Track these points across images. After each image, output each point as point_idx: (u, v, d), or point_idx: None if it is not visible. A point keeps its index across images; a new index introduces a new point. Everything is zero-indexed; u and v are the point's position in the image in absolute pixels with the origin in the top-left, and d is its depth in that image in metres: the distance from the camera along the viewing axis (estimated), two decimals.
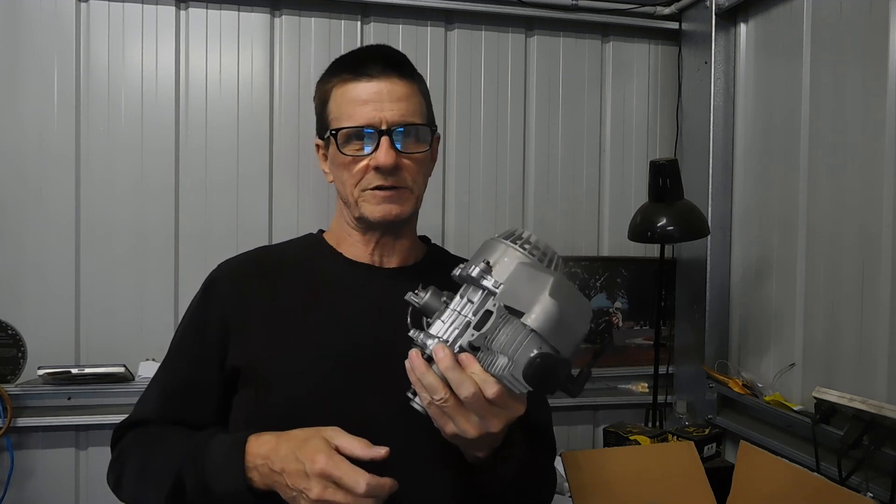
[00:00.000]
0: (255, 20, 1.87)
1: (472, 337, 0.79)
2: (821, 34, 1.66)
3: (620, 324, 2.11)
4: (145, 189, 1.81)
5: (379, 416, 0.93)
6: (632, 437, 1.69)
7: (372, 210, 1.01)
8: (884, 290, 1.47)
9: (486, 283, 0.80)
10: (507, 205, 2.04)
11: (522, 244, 0.82)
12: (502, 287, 0.79)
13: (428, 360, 0.80)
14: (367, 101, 0.99)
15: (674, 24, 2.11)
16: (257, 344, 0.99)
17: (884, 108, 1.47)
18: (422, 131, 1.03)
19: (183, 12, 1.83)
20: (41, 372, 1.67)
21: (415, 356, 0.80)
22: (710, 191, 1.95)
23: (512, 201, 2.05)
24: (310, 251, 1.11)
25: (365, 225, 1.05)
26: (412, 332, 0.83)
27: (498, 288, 0.79)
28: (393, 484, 0.82)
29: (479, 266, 0.80)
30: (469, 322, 0.80)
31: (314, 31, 1.90)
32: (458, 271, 0.85)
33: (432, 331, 0.82)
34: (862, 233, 1.53)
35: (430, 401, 0.79)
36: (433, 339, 0.81)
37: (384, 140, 0.97)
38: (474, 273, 0.80)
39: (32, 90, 1.74)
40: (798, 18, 1.72)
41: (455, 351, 0.79)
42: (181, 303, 1.81)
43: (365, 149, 1.00)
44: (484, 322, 0.79)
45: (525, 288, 0.78)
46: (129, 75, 1.80)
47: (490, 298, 0.80)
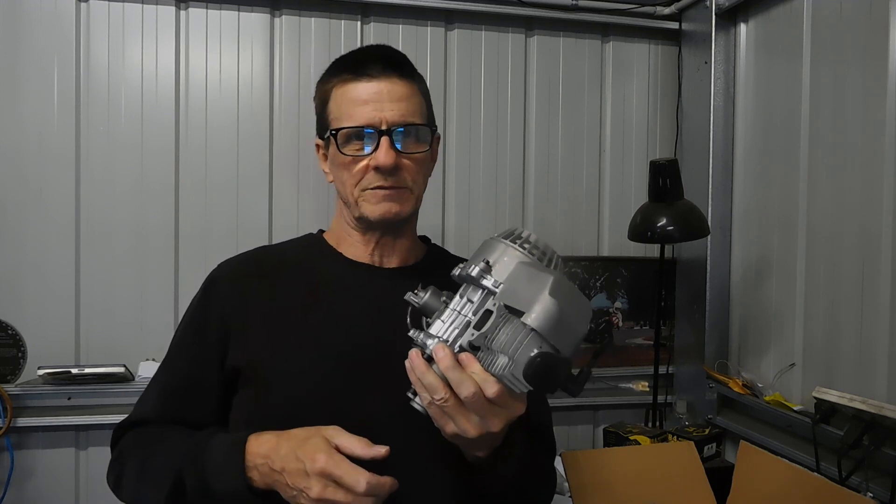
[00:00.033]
0: (255, 20, 1.87)
1: (473, 336, 0.79)
2: (821, 34, 1.66)
3: (620, 324, 2.11)
4: (145, 189, 1.81)
5: (379, 416, 0.93)
6: (632, 437, 1.69)
7: (372, 209, 1.01)
8: (884, 290, 1.47)
9: (485, 282, 0.80)
10: (507, 205, 2.04)
11: (522, 243, 0.82)
12: (502, 286, 0.79)
13: (428, 360, 0.80)
14: (367, 101, 0.99)
15: (674, 24, 2.11)
16: (257, 344, 0.99)
17: (884, 108, 1.47)
18: (422, 131, 1.03)
19: (183, 12, 1.83)
20: (41, 372, 1.67)
21: (415, 356, 0.80)
22: (710, 191, 1.95)
23: (512, 201, 2.05)
24: (310, 251, 1.11)
25: (365, 224, 1.05)
26: (412, 332, 0.83)
27: (498, 287, 0.79)
28: (393, 483, 0.83)
29: (478, 266, 0.80)
30: (469, 322, 0.80)
31: (314, 31, 1.90)
32: (457, 271, 0.85)
33: (432, 331, 0.82)
34: (862, 233, 1.53)
35: (430, 400, 0.79)
36: (433, 338, 0.81)
37: (384, 140, 0.98)
38: (474, 273, 0.80)
39: (32, 90, 1.74)
40: (798, 18, 1.72)
41: (455, 350, 0.79)
42: (181, 303, 1.81)
43: (365, 149, 1.00)
44: (484, 322, 0.79)
45: (525, 287, 0.78)
46: (129, 75, 1.80)
47: (490, 298, 0.80)
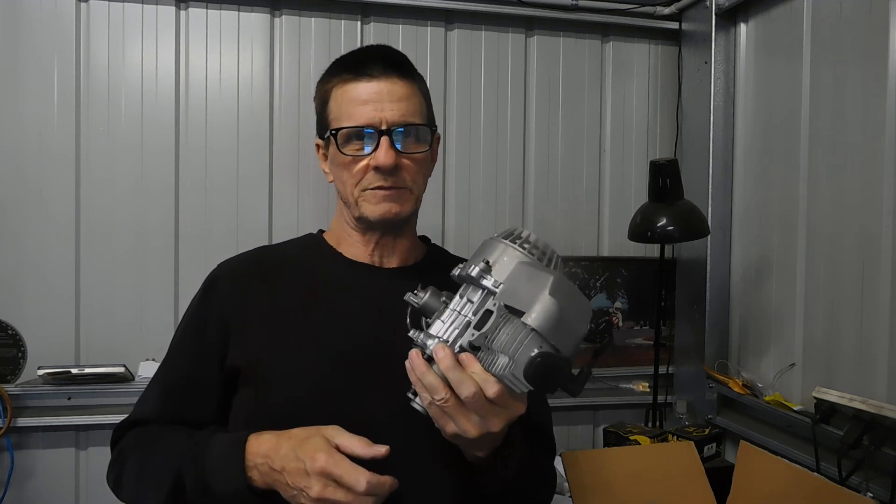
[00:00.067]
0: (255, 20, 1.87)
1: (473, 337, 0.79)
2: (821, 34, 1.66)
3: (620, 324, 2.11)
4: (145, 189, 1.81)
5: (379, 416, 0.93)
6: (632, 437, 1.69)
7: (372, 209, 1.01)
8: (884, 290, 1.47)
9: (485, 282, 0.80)
10: (507, 205, 2.04)
11: (522, 243, 0.82)
12: (502, 286, 0.79)
13: (428, 360, 0.80)
14: (367, 101, 0.99)
15: (674, 24, 2.11)
16: (257, 343, 1.00)
17: (884, 108, 1.47)
18: (422, 131, 1.03)
19: (183, 12, 1.83)
20: (41, 372, 1.67)
21: (415, 356, 0.80)
22: (710, 191, 1.95)
23: (512, 201, 2.05)
24: (310, 251, 1.11)
25: (365, 225, 1.05)
26: (412, 332, 0.83)
27: (498, 287, 0.79)
28: (393, 482, 0.83)
29: (478, 266, 0.80)
30: (469, 322, 0.80)
31: (314, 31, 1.90)
32: (457, 271, 0.85)
33: (432, 331, 0.82)
34: (862, 233, 1.53)
35: (430, 401, 0.79)
36: (433, 339, 0.80)
37: (384, 140, 0.98)
38: (474, 273, 0.80)
39: (32, 90, 1.74)
40: (798, 18, 1.72)
41: (455, 351, 0.79)
42: (181, 303, 1.81)
43: (365, 149, 1.00)
44: (484, 322, 0.79)
45: (525, 287, 0.78)
46: (129, 75, 1.80)
47: (490, 298, 0.80)
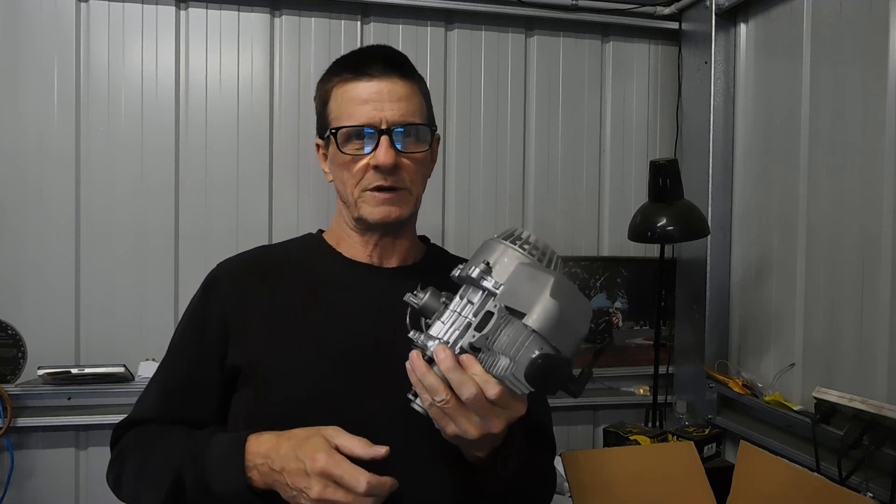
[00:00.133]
0: (255, 20, 1.87)
1: (474, 338, 0.79)
2: (821, 34, 1.66)
3: (620, 324, 2.11)
4: (145, 189, 1.81)
5: (379, 416, 0.93)
6: (632, 437, 1.69)
7: (371, 212, 1.01)
8: (884, 290, 1.47)
9: (486, 283, 0.79)
10: (507, 205, 2.04)
11: (522, 244, 0.82)
12: (502, 288, 0.79)
13: (428, 362, 0.79)
14: (367, 101, 0.99)
15: (674, 24, 2.11)
16: (257, 343, 1.00)
17: (884, 108, 1.47)
18: (422, 131, 1.03)
19: (183, 12, 1.83)
20: (41, 372, 1.67)
21: (416, 357, 0.80)
22: (710, 191, 1.95)
23: (512, 201, 2.05)
24: (309, 251, 1.11)
25: (364, 226, 1.05)
26: (412, 332, 0.83)
27: (498, 289, 0.79)
28: (393, 483, 0.83)
29: (478, 267, 0.80)
30: (469, 323, 0.80)
31: (314, 31, 1.90)
32: (457, 272, 0.85)
33: (432, 332, 0.82)
34: (862, 233, 1.53)
35: (431, 402, 0.79)
36: (434, 340, 0.80)
37: (384, 139, 0.98)
38: (474, 274, 0.80)
39: (32, 90, 1.74)
40: (798, 18, 1.72)
41: (456, 352, 0.79)
42: (181, 303, 1.80)
43: (365, 148, 1.00)
44: (485, 323, 0.79)
45: (525, 288, 0.77)
46: (129, 75, 1.80)
47: (490, 299, 0.80)
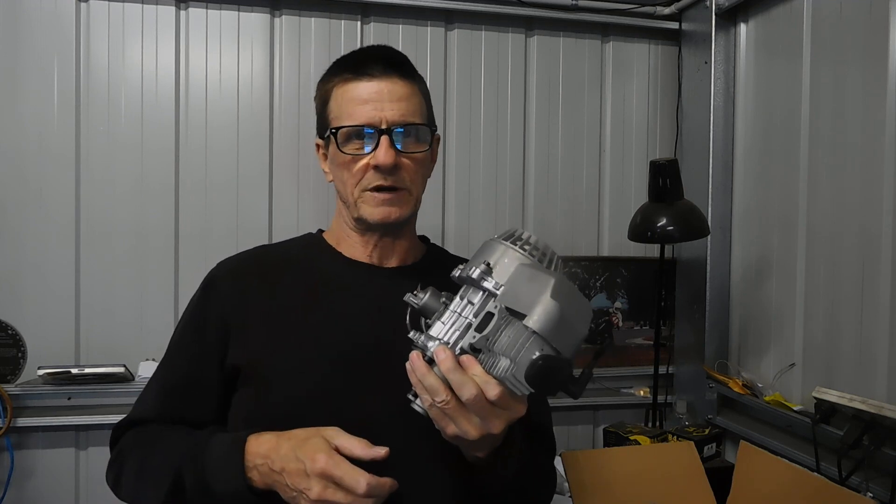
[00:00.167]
0: (255, 20, 1.87)
1: (474, 339, 0.79)
2: (821, 34, 1.66)
3: (620, 324, 2.11)
4: (145, 189, 1.81)
5: (378, 416, 0.93)
6: (632, 437, 1.69)
7: (371, 212, 1.01)
8: (884, 290, 1.47)
9: (486, 284, 0.79)
10: (507, 205, 2.04)
11: (522, 245, 0.82)
12: (503, 289, 0.79)
13: (429, 362, 0.79)
14: (367, 101, 0.99)
15: (674, 24, 2.11)
16: (257, 343, 1.00)
17: (884, 108, 1.47)
18: (422, 131, 1.03)
19: (183, 12, 1.83)
20: (41, 372, 1.67)
21: (416, 358, 0.79)
22: (710, 191, 1.95)
23: (512, 201, 2.05)
24: (309, 251, 1.11)
25: (364, 226, 1.05)
26: (412, 333, 0.83)
27: (498, 289, 0.79)
28: (393, 484, 0.83)
29: (479, 268, 0.80)
30: (470, 324, 0.80)
31: (314, 31, 1.90)
32: (457, 272, 0.85)
33: (432, 332, 0.81)
34: (862, 233, 1.53)
35: (431, 402, 0.79)
36: (434, 340, 0.80)
37: (384, 139, 0.98)
38: (475, 275, 0.80)
39: (32, 90, 1.74)
40: (798, 18, 1.72)
41: (456, 353, 0.79)
42: (181, 303, 1.80)
43: (365, 148, 1.00)
44: (485, 324, 0.79)
45: (526, 289, 0.77)
46: (129, 75, 1.80)
47: (491, 300, 0.79)
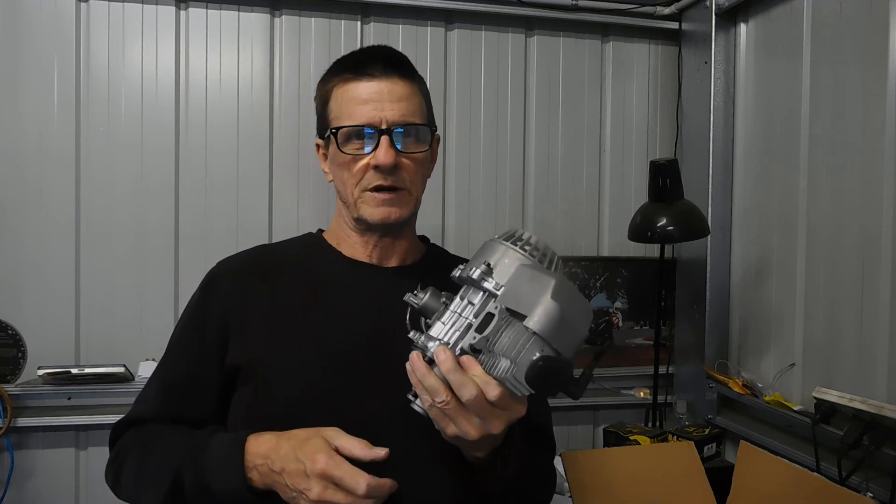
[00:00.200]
0: (255, 20, 1.87)
1: (474, 340, 0.79)
2: (821, 34, 1.66)
3: (620, 324, 2.11)
4: (145, 189, 1.80)
5: (378, 416, 0.93)
6: (632, 437, 1.69)
7: (371, 212, 1.01)
8: (884, 290, 1.47)
9: (487, 285, 0.79)
10: (507, 205, 2.04)
11: (523, 245, 0.82)
12: (503, 289, 0.79)
13: (429, 363, 0.79)
14: (367, 101, 0.99)
15: (674, 24, 2.11)
16: (257, 342, 1.00)
17: (884, 108, 1.47)
18: (422, 131, 1.03)
19: (183, 12, 1.83)
20: (41, 372, 1.67)
21: (416, 358, 0.80)
22: (710, 191, 1.95)
23: (512, 201, 2.05)
24: (309, 250, 1.11)
25: (364, 226, 1.05)
26: (412, 333, 0.83)
27: (499, 290, 0.79)
28: (393, 485, 0.83)
29: (479, 268, 0.80)
30: (470, 324, 0.80)
31: (314, 31, 1.90)
32: (457, 273, 0.85)
33: (432, 332, 0.81)
34: (862, 233, 1.53)
35: (431, 403, 0.79)
36: (434, 341, 0.80)
37: (384, 139, 0.98)
38: (475, 275, 0.80)
39: (32, 90, 1.74)
40: (798, 18, 1.72)
41: (456, 353, 0.79)
42: (181, 303, 1.80)
43: (365, 148, 1.00)
44: (486, 325, 0.79)
45: (526, 290, 0.78)
46: (129, 75, 1.80)
47: (491, 301, 0.79)
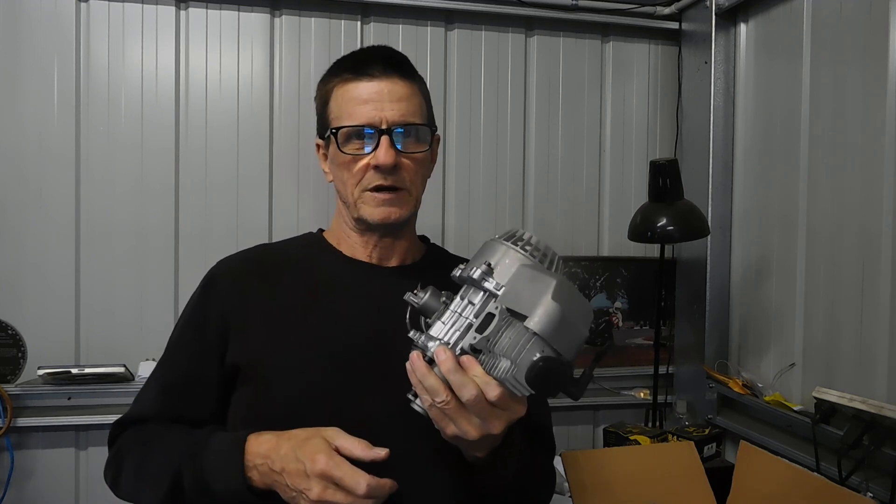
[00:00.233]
0: (255, 20, 1.87)
1: (475, 340, 0.79)
2: (821, 34, 1.66)
3: (620, 324, 2.11)
4: (145, 189, 1.80)
5: (378, 416, 0.93)
6: (632, 437, 1.69)
7: (371, 212, 1.01)
8: (884, 290, 1.47)
9: (487, 285, 0.79)
10: (507, 205, 2.04)
11: (523, 245, 0.82)
12: (504, 289, 0.79)
13: (429, 362, 0.79)
14: (367, 101, 0.99)
15: (674, 24, 2.11)
16: (257, 342, 1.00)
17: (884, 108, 1.47)
18: (422, 131, 1.03)
19: (183, 12, 1.83)
20: (41, 372, 1.67)
21: (416, 358, 0.80)
22: (710, 191, 1.95)
23: (512, 201, 2.05)
24: (309, 250, 1.11)
25: (364, 226, 1.05)
26: (412, 332, 0.83)
27: (500, 290, 0.79)
28: (393, 485, 0.83)
29: (480, 268, 0.80)
30: (470, 324, 0.80)
31: (314, 31, 1.90)
32: (458, 272, 0.85)
33: (432, 332, 0.81)
34: (862, 233, 1.53)
35: (431, 403, 0.79)
36: (435, 341, 0.80)
37: (384, 139, 0.98)
38: (476, 275, 0.80)
39: (32, 90, 1.74)
40: (798, 18, 1.72)
41: (456, 353, 0.79)
42: (181, 303, 1.80)
43: (365, 148, 1.00)
44: (486, 325, 0.79)
45: (527, 290, 0.78)
46: (129, 75, 1.79)
47: (491, 301, 0.79)
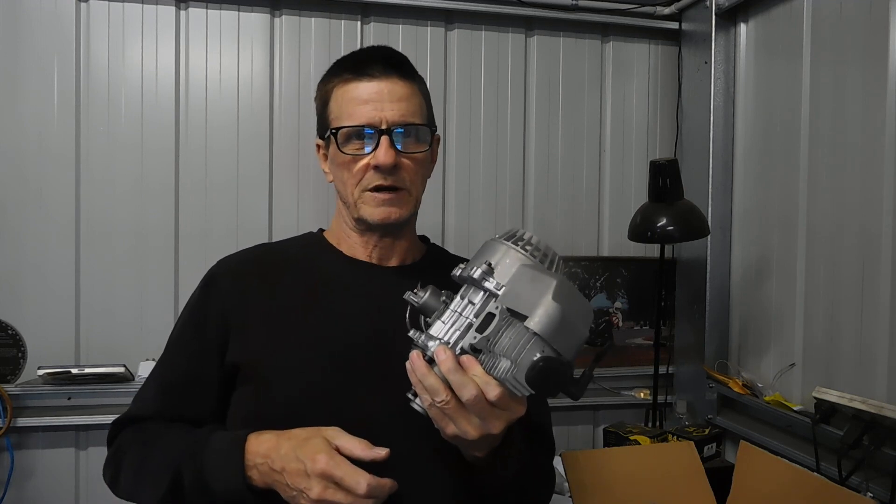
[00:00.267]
0: (255, 20, 1.87)
1: (475, 339, 0.79)
2: (821, 34, 1.66)
3: (620, 324, 2.11)
4: (145, 189, 1.80)
5: (378, 416, 0.93)
6: (632, 437, 1.69)
7: (371, 212, 1.01)
8: (884, 290, 1.47)
9: (488, 284, 0.79)
10: (507, 205, 2.04)
11: (524, 245, 0.82)
12: (504, 289, 0.79)
13: (429, 362, 0.79)
14: (367, 101, 0.99)
15: (674, 24, 2.11)
16: (257, 342, 1.00)
17: (884, 108, 1.47)
18: (422, 131, 1.03)
19: (183, 12, 1.83)
20: (41, 372, 1.67)
21: (416, 357, 0.80)
22: (710, 191, 1.95)
23: (512, 201, 2.05)
24: (310, 250, 1.11)
25: (364, 226, 1.05)
26: (412, 332, 0.83)
27: (500, 290, 0.79)
28: (393, 485, 0.83)
29: (480, 268, 0.80)
30: (470, 324, 0.80)
31: (314, 31, 1.90)
32: (458, 272, 0.85)
33: (432, 331, 0.81)
34: (862, 233, 1.53)
35: (431, 402, 0.79)
36: (435, 340, 0.80)
37: (384, 139, 0.98)
38: (476, 275, 0.80)
39: (32, 90, 1.74)
40: (798, 18, 1.72)
41: (456, 353, 0.79)
42: (181, 303, 1.80)
43: (365, 149, 1.00)
44: (486, 325, 0.79)
45: (527, 290, 0.77)
46: (129, 75, 1.80)
47: (492, 300, 0.79)
